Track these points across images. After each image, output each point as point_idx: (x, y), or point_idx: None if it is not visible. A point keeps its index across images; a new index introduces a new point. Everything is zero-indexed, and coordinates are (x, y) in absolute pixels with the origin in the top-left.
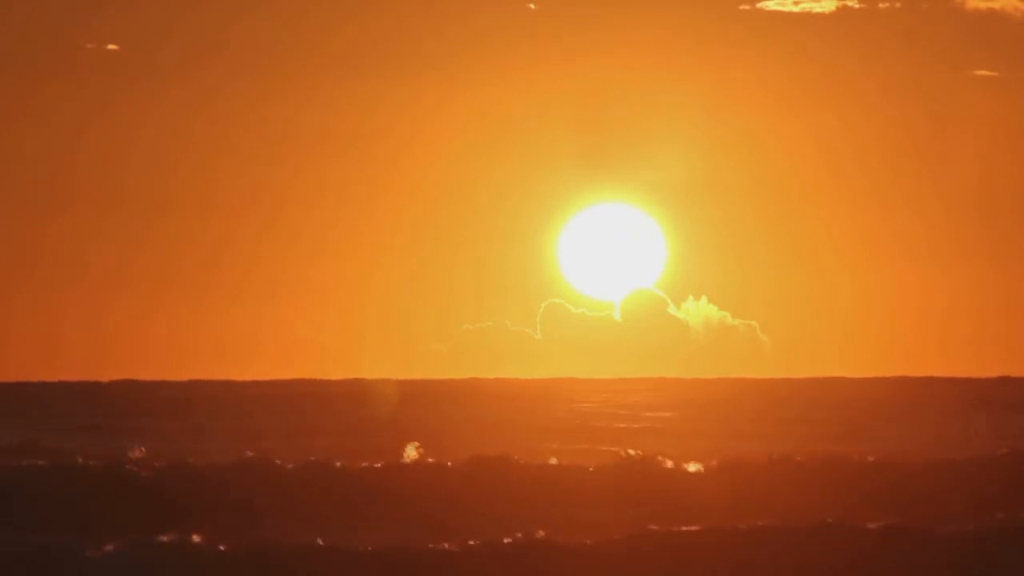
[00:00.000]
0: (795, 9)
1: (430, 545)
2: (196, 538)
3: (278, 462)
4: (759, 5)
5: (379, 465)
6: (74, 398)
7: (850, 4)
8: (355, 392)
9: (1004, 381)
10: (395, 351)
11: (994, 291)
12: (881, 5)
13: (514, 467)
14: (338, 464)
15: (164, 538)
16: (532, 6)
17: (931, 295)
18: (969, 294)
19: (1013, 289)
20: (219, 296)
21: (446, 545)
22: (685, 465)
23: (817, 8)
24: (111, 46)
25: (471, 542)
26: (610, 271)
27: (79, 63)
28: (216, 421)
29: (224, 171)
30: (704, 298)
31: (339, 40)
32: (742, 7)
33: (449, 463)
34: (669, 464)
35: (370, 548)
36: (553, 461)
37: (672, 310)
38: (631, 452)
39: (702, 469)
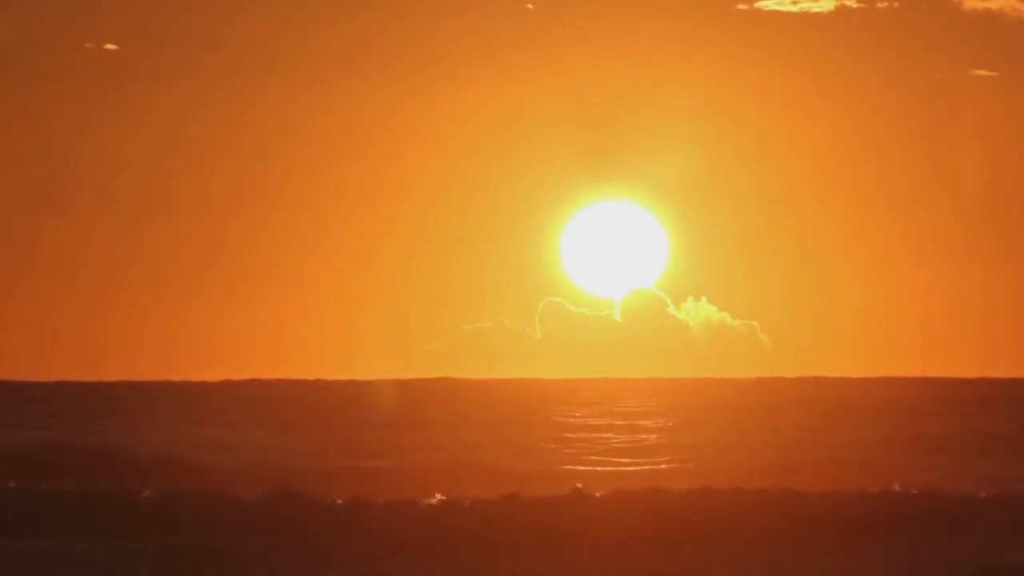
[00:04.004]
0: (793, 9)
1: None
2: None
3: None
4: (757, 4)
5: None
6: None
7: (848, 4)
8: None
9: (1007, 382)
10: (394, 351)
11: (993, 290)
12: (879, 5)
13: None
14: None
15: None
16: (530, 6)
17: (929, 293)
18: (968, 292)
19: (1012, 287)
20: (218, 296)
21: None
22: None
23: (815, 8)
24: (109, 46)
25: None
26: (610, 270)
27: (77, 63)
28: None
29: (222, 170)
30: (704, 298)
31: (335, 40)
32: (740, 6)
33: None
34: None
35: None
36: None
37: (672, 310)
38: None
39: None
